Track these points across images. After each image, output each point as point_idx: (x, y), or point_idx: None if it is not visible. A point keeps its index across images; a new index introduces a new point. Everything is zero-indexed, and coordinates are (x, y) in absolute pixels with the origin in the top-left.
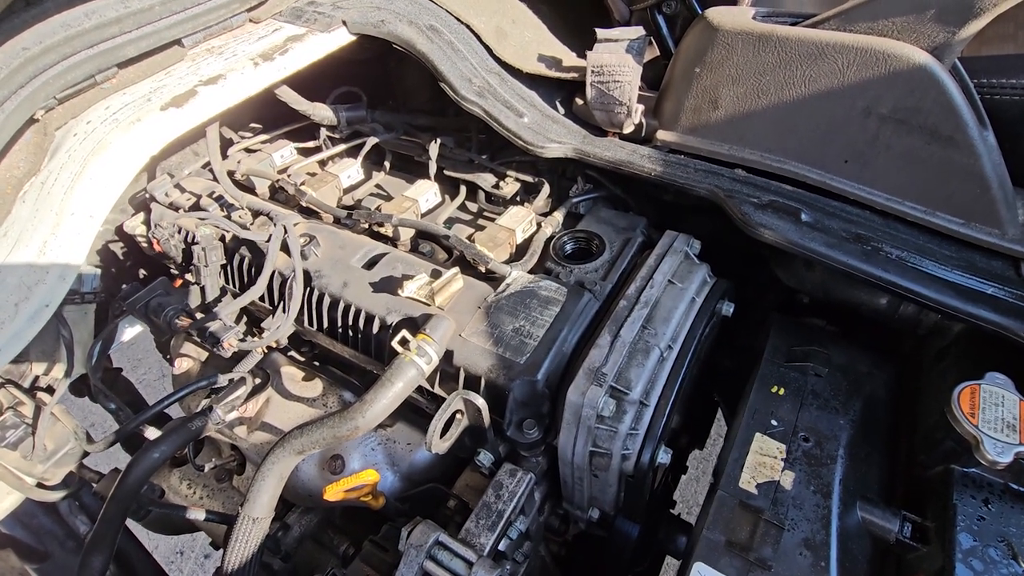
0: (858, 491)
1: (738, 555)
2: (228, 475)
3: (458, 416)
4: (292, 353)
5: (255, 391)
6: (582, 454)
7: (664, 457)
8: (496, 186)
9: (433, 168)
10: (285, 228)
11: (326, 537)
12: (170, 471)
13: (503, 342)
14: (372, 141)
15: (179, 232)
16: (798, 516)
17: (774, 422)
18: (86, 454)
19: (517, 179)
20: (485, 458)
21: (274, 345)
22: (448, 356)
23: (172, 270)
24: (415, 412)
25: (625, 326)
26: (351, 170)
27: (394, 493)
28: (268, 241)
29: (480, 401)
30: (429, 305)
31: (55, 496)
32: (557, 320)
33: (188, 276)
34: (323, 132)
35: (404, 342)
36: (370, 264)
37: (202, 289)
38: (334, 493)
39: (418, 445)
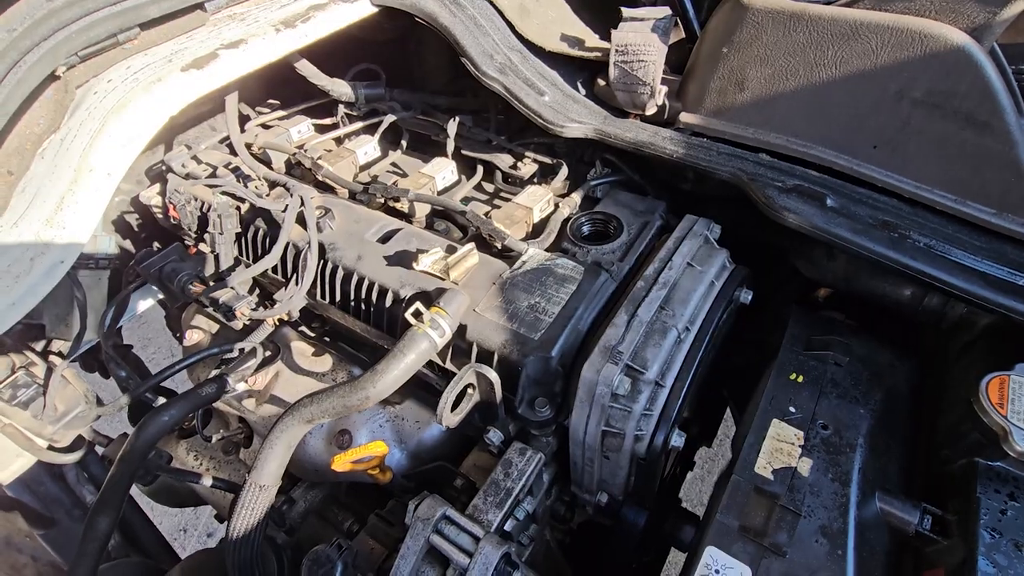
0: (877, 482)
1: (752, 540)
2: (235, 448)
3: (469, 391)
4: (303, 328)
5: (265, 363)
6: (594, 434)
7: (678, 440)
8: (514, 167)
9: (451, 146)
10: (302, 199)
11: (331, 513)
12: (177, 442)
13: (518, 318)
14: (390, 119)
15: (195, 200)
16: (815, 503)
17: (792, 409)
18: (97, 418)
19: (535, 160)
20: (495, 436)
21: (285, 318)
22: (461, 331)
23: (187, 241)
24: (424, 390)
25: (643, 306)
26: (368, 147)
27: (401, 470)
28: (284, 211)
29: (493, 375)
30: (444, 280)
31: (65, 459)
32: (573, 298)
33: (202, 246)
34: (341, 109)
35: (417, 314)
36: (385, 238)
37: (216, 257)
38: (342, 463)
39: (427, 423)
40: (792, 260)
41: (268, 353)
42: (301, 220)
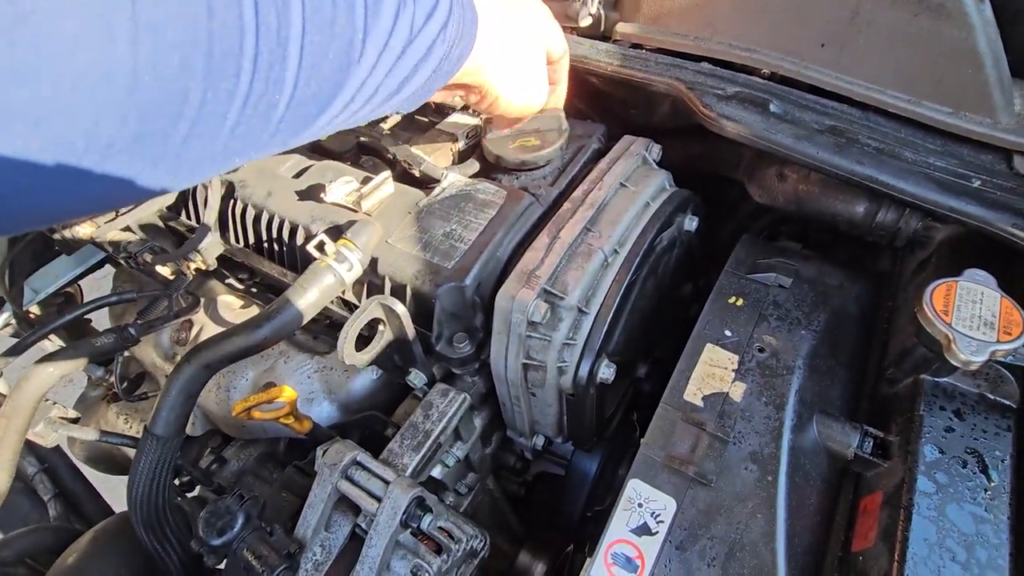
0: (817, 406)
1: (677, 471)
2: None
3: (380, 328)
4: (231, 281)
5: (181, 314)
6: (515, 368)
7: (607, 372)
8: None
9: None
10: None
11: (266, 471)
12: (108, 406)
13: (431, 247)
14: None
15: None
16: (746, 429)
17: (728, 332)
18: None
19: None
20: (416, 378)
21: (203, 267)
22: (374, 265)
23: None
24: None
25: (566, 227)
26: None
27: (331, 422)
28: None
29: (399, 307)
30: (356, 212)
31: None
32: (492, 223)
33: None
34: None
35: (321, 247)
36: (299, 174)
37: None
38: (242, 408)
39: (356, 372)
40: (747, 187)
41: (184, 305)
42: None
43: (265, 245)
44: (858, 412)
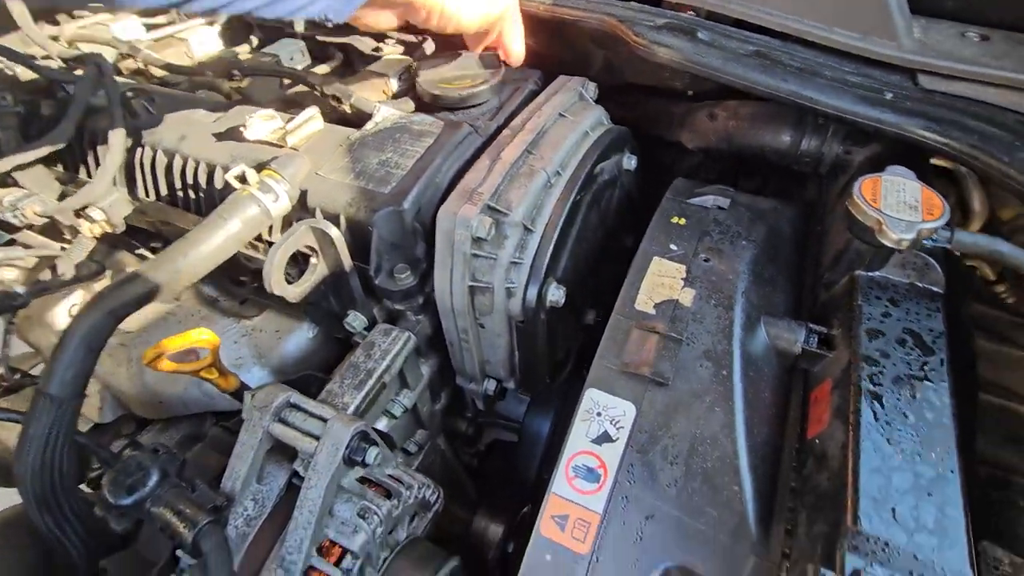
0: (762, 308)
1: (633, 375)
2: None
3: (313, 261)
4: (142, 251)
5: (81, 279)
6: (461, 293)
7: (556, 294)
8: (376, 49)
9: (300, 27)
10: (99, 66)
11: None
12: None
13: (366, 175)
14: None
15: None
16: (698, 330)
17: (673, 247)
18: None
19: (400, 41)
20: (356, 320)
21: (107, 229)
22: (303, 200)
23: None
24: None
25: (506, 150)
26: (205, 36)
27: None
28: (77, 82)
29: (334, 231)
30: (282, 148)
31: None
32: (430, 151)
33: None
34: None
35: (243, 177)
36: (216, 119)
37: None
38: (153, 354)
39: (288, 331)
40: (680, 138)
41: (86, 272)
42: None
43: (180, 194)
44: (800, 317)
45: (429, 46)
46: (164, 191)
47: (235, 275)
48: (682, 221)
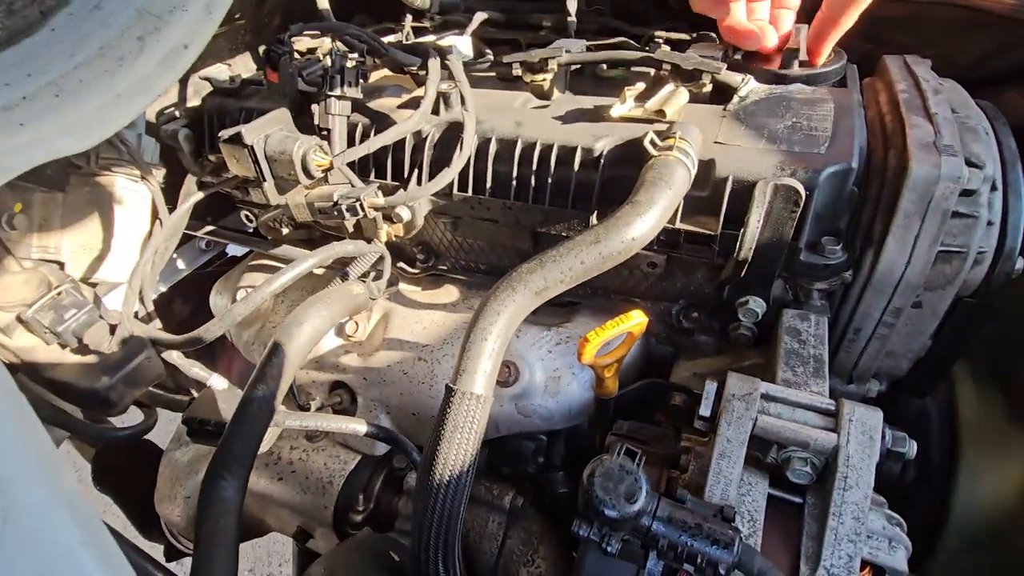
0: None
1: None
2: (321, 433)
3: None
4: (401, 265)
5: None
6: (922, 260)
7: (1021, 263)
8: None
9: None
10: (442, 56)
11: (480, 490)
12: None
13: (782, 139)
14: (480, 16)
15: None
16: None
17: None
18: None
19: (668, 40)
20: (757, 306)
21: (400, 235)
22: (705, 170)
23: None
24: (596, 294)
25: (931, 104)
26: (460, 42)
27: (583, 404)
28: (427, 64)
29: (801, 188)
30: (658, 120)
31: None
32: (841, 113)
33: None
34: (407, 25)
35: (655, 143)
36: (542, 107)
37: (326, 136)
38: (593, 347)
39: None
40: None
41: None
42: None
43: (514, 184)
44: None
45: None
46: (489, 183)
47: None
48: None
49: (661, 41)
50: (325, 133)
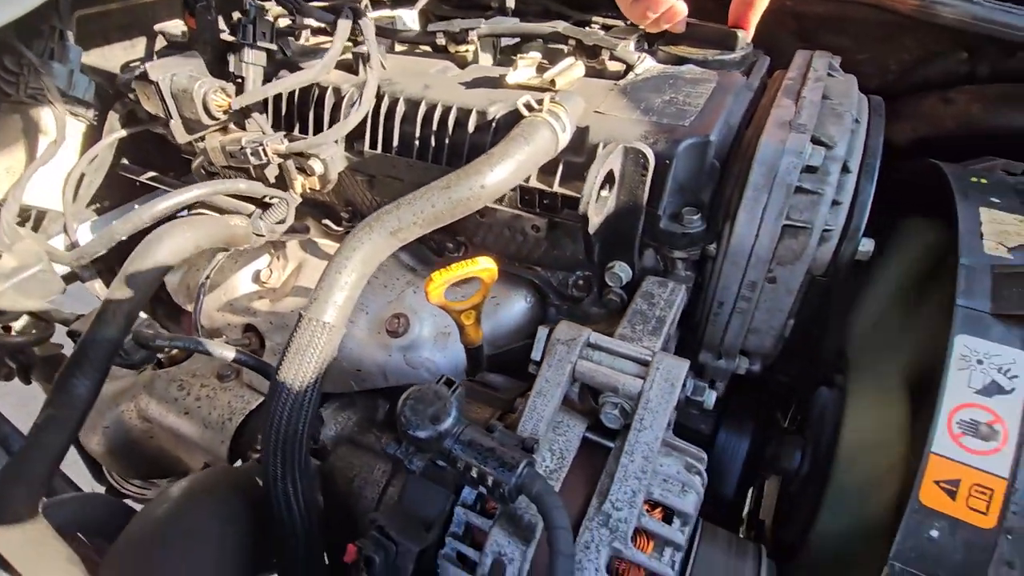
0: None
1: (1011, 317)
2: (234, 372)
3: (604, 193)
4: (327, 222)
5: (295, 231)
6: (770, 233)
7: (867, 245)
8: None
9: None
10: (353, 11)
11: (368, 438)
12: (153, 376)
13: (655, 111)
14: None
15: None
16: None
17: (994, 199)
18: (63, 290)
19: (604, 25)
20: (622, 271)
21: (316, 187)
22: (580, 136)
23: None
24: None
25: (806, 88)
26: (405, 14)
27: None
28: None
29: (648, 152)
30: (549, 89)
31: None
32: (717, 92)
33: None
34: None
35: (530, 107)
36: (453, 73)
37: (239, 83)
38: (439, 288)
39: (506, 299)
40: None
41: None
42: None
43: (416, 143)
44: None
45: None
46: (396, 142)
47: (442, 241)
48: (983, 180)
49: (597, 26)
50: (240, 81)
